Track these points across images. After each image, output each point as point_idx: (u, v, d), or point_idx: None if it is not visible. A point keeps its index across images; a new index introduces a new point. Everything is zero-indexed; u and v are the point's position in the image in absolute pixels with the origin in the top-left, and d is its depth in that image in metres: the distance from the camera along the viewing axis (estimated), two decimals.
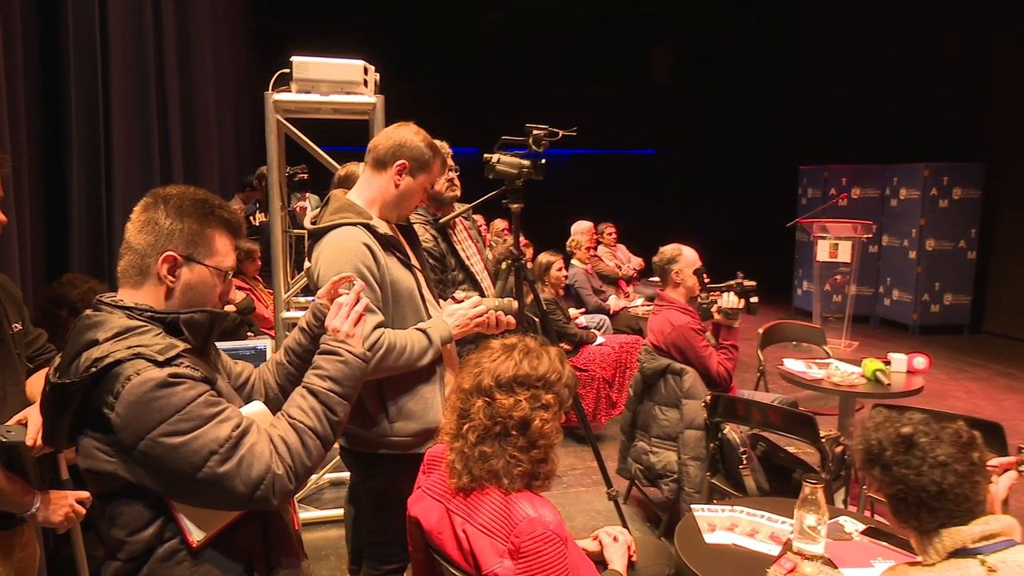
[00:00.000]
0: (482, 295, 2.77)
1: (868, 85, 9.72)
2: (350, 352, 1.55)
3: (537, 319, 3.58)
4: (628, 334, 5.55)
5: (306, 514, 3.65)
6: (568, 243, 6.28)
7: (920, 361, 3.76)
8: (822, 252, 7.21)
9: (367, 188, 2.11)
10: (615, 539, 2.00)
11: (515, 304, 2.27)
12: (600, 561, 1.96)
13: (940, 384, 6.05)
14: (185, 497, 1.34)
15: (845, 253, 7.14)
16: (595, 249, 6.74)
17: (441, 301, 2.29)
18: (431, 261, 2.78)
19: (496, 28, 12.01)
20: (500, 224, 7.03)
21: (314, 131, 3.55)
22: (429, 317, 2.12)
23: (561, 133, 2.83)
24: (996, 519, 1.35)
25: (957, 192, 7.93)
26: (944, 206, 7.97)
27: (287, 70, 3.36)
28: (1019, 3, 7.59)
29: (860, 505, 3.07)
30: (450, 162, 3.01)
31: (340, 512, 3.53)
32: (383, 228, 2.04)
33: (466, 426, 1.62)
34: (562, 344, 4.92)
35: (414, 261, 2.16)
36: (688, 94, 12.88)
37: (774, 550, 1.96)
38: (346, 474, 3.60)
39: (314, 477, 3.92)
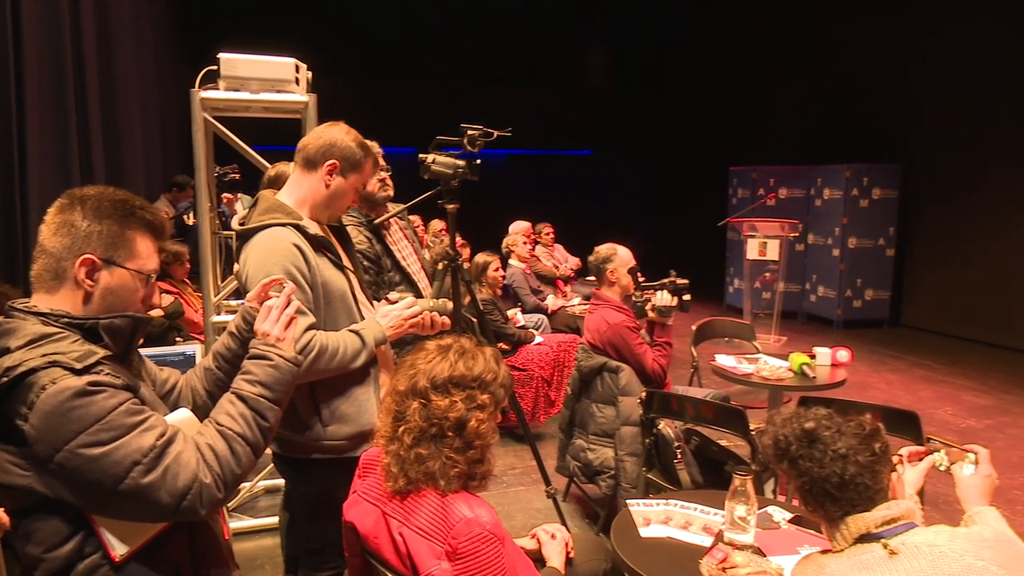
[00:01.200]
0: (419, 296, 2.76)
1: (795, 89, 10.07)
2: (281, 356, 1.52)
3: (475, 320, 3.58)
4: (566, 333, 5.61)
5: (240, 523, 3.55)
6: (505, 243, 6.29)
7: (843, 355, 3.92)
8: (752, 251, 7.44)
9: (297, 188, 2.06)
10: (553, 536, 2.01)
11: (450, 305, 2.26)
12: (538, 559, 1.97)
13: (862, 376, 6.32)
14: (107, 510, 1.29)
15: (773, 251, 7.38)
16: (533, 249, 6.78)
17: (375, 302, 2.27)
18: (366, 263, 2.75)
19: (433, 27, 11.93)
20: (438, 224, 7.00)
21: (245, 130, 3.46)
22: (362, 319, 2.10)
23: (496, 134, 2.83)
24: (896, 504, 1.42)
25: (876, 192, 8.31)
26: (864, 206, 8.33)
27: (214, 67, 3.27)
28: (933, 15, 8.00)
29: (788, 495, 3.18)
30: (382, 162, 2.98)
31: (275, 520, 3.45)
32: (314, 229, 2.00)
33: (401, 428, 1.60)
34: (500, 344, 4.93)
35: (346, 262, 2.12)
36: (623, 96, 13.09)
37: (707, 541, 2.01)
38: (281, 481, 3.52)
39: (247, 485, 3.82)
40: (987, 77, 7.49)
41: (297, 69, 3.40)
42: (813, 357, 3.86)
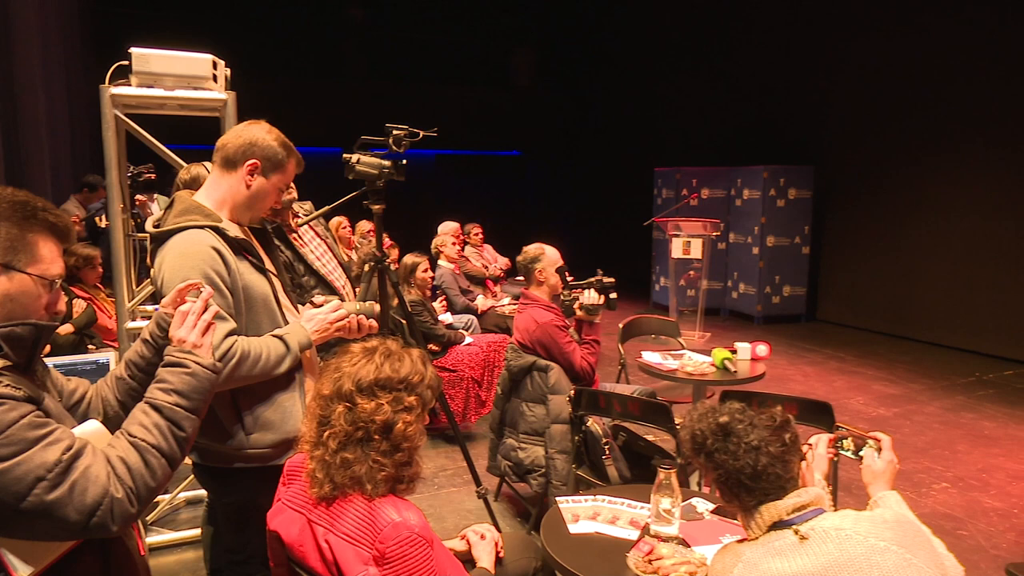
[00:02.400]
0: (341, 298, 2.71)
1: (714, 93, 10.40)
2: (198, 363, 1.47)
3: (403, 321, 3.55)
4: (496, 333, 5.62)
5: (160, 537, 3.42)
6: (434, 244, 6.26)
7: (762, 349, 4.07)
8: (676, 249, 7.64)
9: (216, 189, 2.00)
10: (482, 537, 2.02)
11: (376, 307, 2.23)
12: (468, 560, 1.98)
13: (781, 369, 6.57)
14: (9, 530, 1.21)
15: (697, 250, 7.60)
16: (462, 249, 6.77)
17: (299, 306, 2.22)
18: None
19: (359, 26, 11.77)
20: (366, 226, 6.91)
21: (161, 128, 3.33)
22: (286, 323, 2.05)
23: (422, 134, 2.82)
24: (806, 491, 1.49)
25: (792, 192, 8.65)
26: (781, 205, 8.66)
27: (126, 62, 3.13)
28: (841, 24, 8.40)
29: (712, 486, 3.28)
30: None
31: (197, 532, 3.34)
32: (234, 231, 1.94)
33: (327, 433, 1.58)
34: (430, 345, 4.91)
35: (268, 265, 2.07)
36: (551, 97, 13.23)
37: (634, 535, 2.05)
38: (203, 491, 3.41)
39: (167, 497, 3.68)
40: (891, 82, 7.90)
41: (215, 66, 3.30)
42: (734, 352, 3.99)
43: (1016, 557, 3.29)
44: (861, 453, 1.80)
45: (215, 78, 3.29)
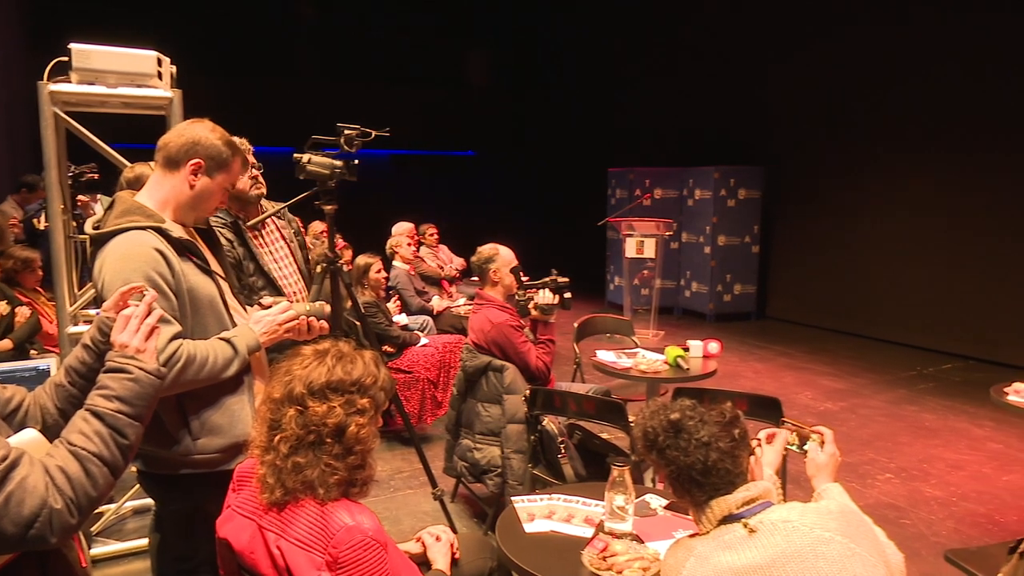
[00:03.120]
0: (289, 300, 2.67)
1: (668, 94, 10.55)
2: (141, 368, 1.43)
3: (357, 323, 3.51)
4: (452, 334, 5.60)
5: (106, 548, 3.32)
6: (389, 244, 6.21)
7: (713, 346, 4.14)
8: (630, 249, 7.73)
9: (158, 189, 1.95)
10: (438, 539, 2.01)
11: (327, 308, 2.20)
12: (424, 562, 1.96)
13: (732, 366, 6.70)
14: None
15: (650, 249, 7.70)
16: (417, 250, 6.73)
17: (248, 308, 2.18)
18: None
19: (310, 23, 11.60)
20: (319, 226, 6.82)
21: (104, 126, 3.23)
22: (234, 325, 2.01)
23: (374, 133, 2.79)
24: (755, 485, 1.53)
25: (742, 193, 8.83)
26: (732, 205, 8.84)
27: (65, 58, 3.03)
28: (788, 25, 8.60)
29: (665, 482, 3.32)
30: (251, 159, 2.88)
31: (144, 542, 3.25)
32: (178, 231, 1.89)
33: (277, 437, 1.55)
34: (385, 347, 4.86)
35: (214, 267, 2.03)
36: (506, 97, 13.25)
37: (589, 532, 2.07)
38: (150, 500, 3.32)
39: (113, 507, 3.58)
40: (835, 85, 8.13)
41: (160, 63, 3.21)
42: (687, 350, 4.05)
43: (955, 544, 3.41)
44: (806, 447, 1.85)
45: (160, 75, 3.21)
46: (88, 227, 1.90)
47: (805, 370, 6.69)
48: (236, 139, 2.92)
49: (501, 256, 3.68)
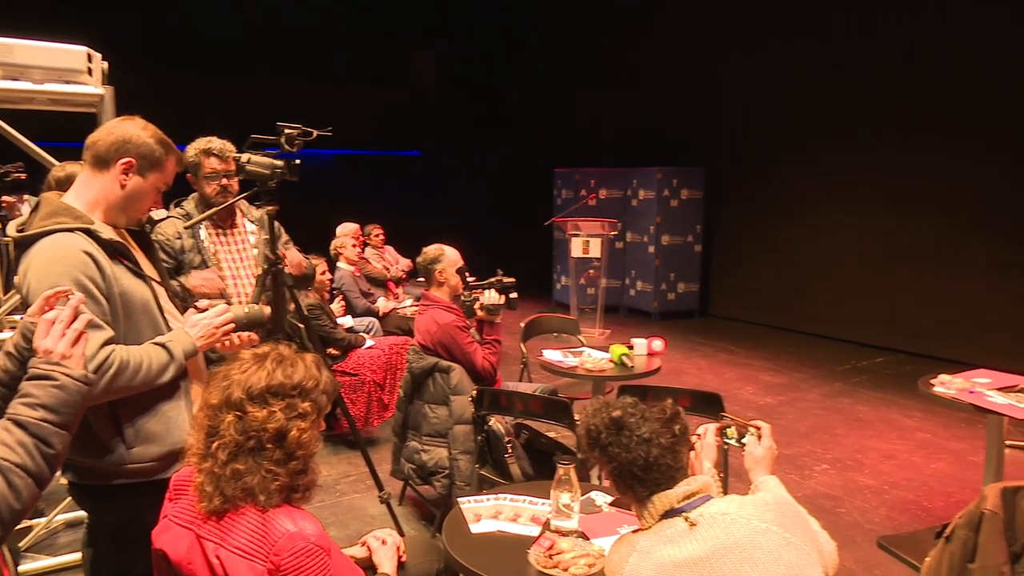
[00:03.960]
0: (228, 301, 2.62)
1: (612, 95, 10.67)
2: (67, 375, 1.37)
3: (301, 325, 3.46)
4: (398, 335, 5.56)
5: (37, 564, 3.18)
6: (333, 245, 6.12)
7: (657, 344, 4.21)
8: (576, 249, 7.80)
9: (87, 189, 1.87)
10: (383, 542, 1.99)
11: (267, 310, 2.16)
12: (370, 567, 1.94)
13: (676, 363, 6.82)
14: None
15: (596, 249, 7.78)
16: (362, 251, 6.65)
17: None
18: (162, 254, 2.56)
19: (252, 20, 11.33)
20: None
21: (30, 124, 3.10)
22: (170, 330, 1.95)
23: (316, 133, 2.75)
24: (695, 479, 1.56)
25: (685, 193, 9.01)
26: (675, 205, 9.00)
27: None
28: (733, 29, 8.80)
29: (609, 479, 3.36)
30: (228, 166, 2.94)
31: (78, 556, 3.13)
32: (108, 233, 1.83)
33: (216, 444, 1.51)
34: (329, 349, 4.80)
35: (147, 270, 1.96)
36: (451, 97, 13.19)
37: (536, 531, 2.08)
38: (83, 512, 3.20)
39: (44, 520, 3.43)
40: (773, 87, 8.36)
41: (90, 58, 3.10)
42: (631, 348, 4.11)
43: (887, 530, 3.55)
44: (744, 441, 1.89)
45: (90, 71, 3.10)
46: (12, 230, 1.82)
47: (746, 366, 6.86)
48: (219, 143, 2.92)
49: (447, 257, 3.68)
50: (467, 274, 3.72)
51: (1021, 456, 4.32)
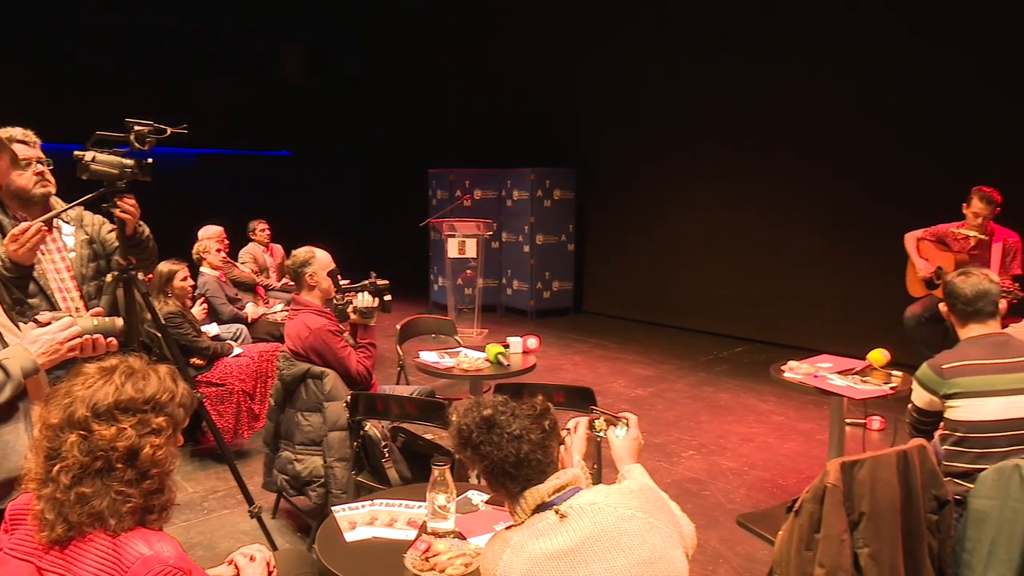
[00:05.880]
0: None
1: (485, 96, 10.76)
2: None
3: (160, 335, 3.26)
4: (269, 342, 5.35)
5: None
6: (195, 250, 5.79)
7: (532, 342, 4.29)
8: (452, 249, 7.82)
9: None
10: (252, 559, 1.90)
11: (119, 322, 2.01)
12: None
13: (552, 360, 6.98)
14: None
15: (472, 250, 7.84)
16: (228, 254, 6.34)
17: (22, 324, 1.94)
18: None
19: (104, 8, 10.51)
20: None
21: None
22: (5, 345, 1.78)
23: (170, 130, 2.59)
24: (565, 473, 1.62)
25: (557, 193, 9.24)
26: (548, 206, 9.21)
27: None
28: (590, 28, 9.11)
29: (483, 477, 3.40)
30: (38, 152, 2.58)
31: None
32: None
33: (57, 467, 1.39)
34: (193, 360, 4.55)
35: None
36: (321, 95, 12.83)
37: (412, 535, 2.07)
38: None
39: None
40: (637, 88, 8.73)
41: None
42: (507, 347, 4.17)
43: (747, 509, 3.79)
44: (614, 432, 1.97)
45: None
46: None
47: (619, 360, 7.12)
48: (20, 131, 2.60)
49: (318, 259, 3.58)
50: (339, 277, 3.64)
51: (860, 433, 4.75)
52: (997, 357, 2.49)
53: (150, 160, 2.53)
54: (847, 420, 3.93)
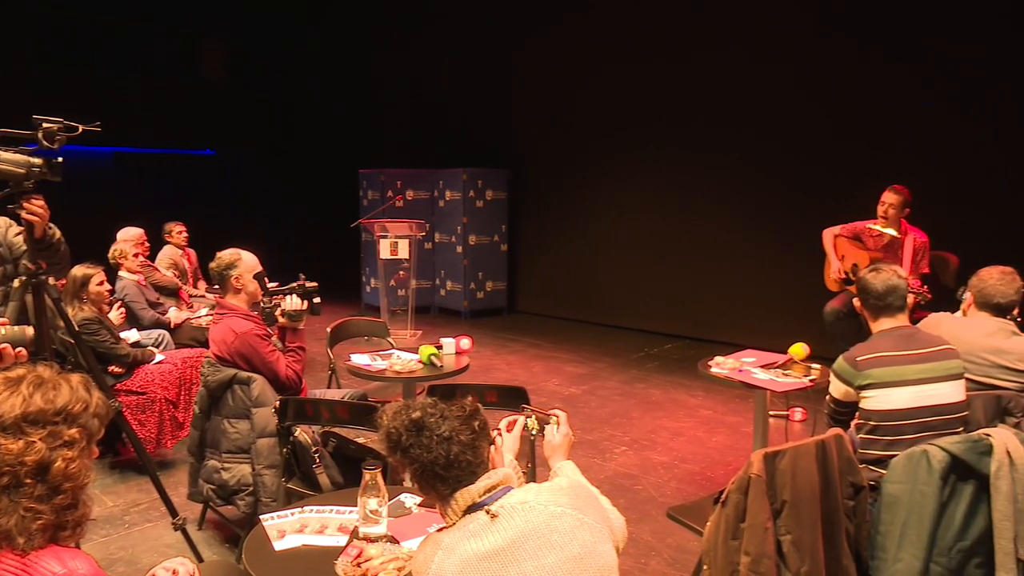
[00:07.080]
0: None
1: (415, 95, 10.69)
2: None
3: (74, 343, 3.11)
4: (193, 347, 5.17)
5: None
6: (112, 253, 5.54)
7: (465, 343, 4.29)
8: (384, 250, 7.73)
9: None
10: (174, 573, 1.84)
11: (29, 331, 1.92)
12: None
13: (486, 360, 6.99)
14: None
15: (404, 250, 7.77)
16: (147, 257, 6.10)
17: None
18: None
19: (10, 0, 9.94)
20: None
21: None
22: None
23: (81, 128, 2.48)
24: (495, 473, 1.62)
25: (489, 194, 9.25)
26: (480, 206, 9.22)
27: None
28: (526, 33, 9.16)
29: (413, 480, 3.38)
30: None
31: None
32: None
33: None
34: (112, 368, 4.37)
35: None
36: (247, 94, 12.48)
37: (343, 541, 2.03)
38: None
39: None
40: (567, 89, 8.82)
41: None
42: (440, 348, 4.15)
43: (677, 502, 3.88)
44: (546, 430, 1.98)
45: None
46: None
47: (552, 359, 7.19)
48: None
49: (243, 261, 3.48)
50: (266, 279, 3.55)
51: (784, 424, 4.93)
52: (906, 348, 2.63)
53: (60, 159, 2.41)
54: (771, 412, 4.08)
